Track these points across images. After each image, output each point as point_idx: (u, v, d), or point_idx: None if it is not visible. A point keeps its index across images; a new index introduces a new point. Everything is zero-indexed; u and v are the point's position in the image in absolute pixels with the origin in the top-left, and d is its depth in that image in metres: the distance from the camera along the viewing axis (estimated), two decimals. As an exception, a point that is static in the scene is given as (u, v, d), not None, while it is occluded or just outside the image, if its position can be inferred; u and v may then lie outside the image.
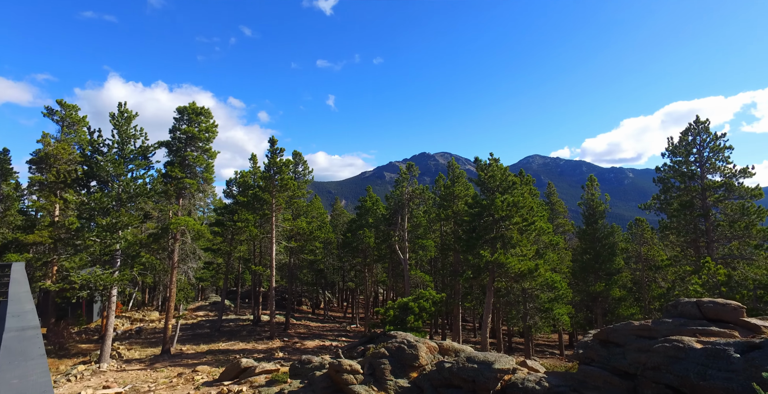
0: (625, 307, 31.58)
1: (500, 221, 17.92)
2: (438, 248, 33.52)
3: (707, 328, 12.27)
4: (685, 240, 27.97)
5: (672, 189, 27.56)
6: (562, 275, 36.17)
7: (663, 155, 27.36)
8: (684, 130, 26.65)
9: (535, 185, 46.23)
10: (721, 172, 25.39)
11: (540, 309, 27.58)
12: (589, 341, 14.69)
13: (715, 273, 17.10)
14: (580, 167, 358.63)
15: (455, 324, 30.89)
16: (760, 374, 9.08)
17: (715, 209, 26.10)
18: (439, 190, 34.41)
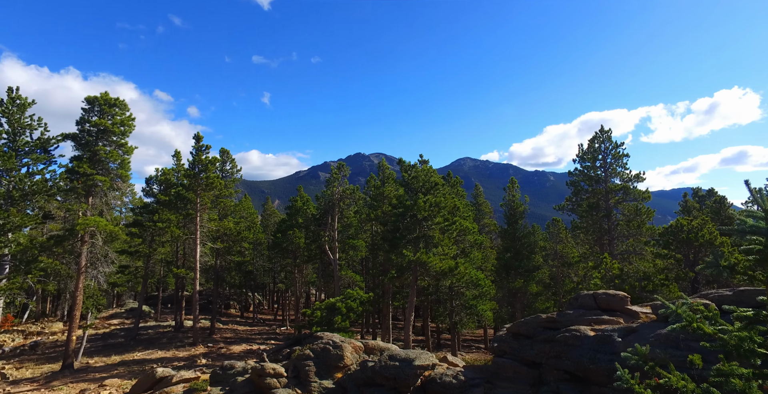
0: (541, 301, 33.99)
1: (423, 221, 18.59)
2: (369, 248, 33.89)
3: (600, 317, 13.63)
4: (593, 238, 30.76)
5: (582, 192, 30.20)
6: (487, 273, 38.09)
7: (574, 161, 29.88)
8: (591, 138, 29.30)
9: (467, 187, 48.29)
10: (620, 177, 28.27)
11: (465, 306, 28.90)
12: (503, 334, 15.68)
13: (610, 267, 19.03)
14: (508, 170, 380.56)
15: (385, 323, 31.41)
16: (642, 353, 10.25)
17: (616, 209, 29.00)
18: (370, 191, 34.80)
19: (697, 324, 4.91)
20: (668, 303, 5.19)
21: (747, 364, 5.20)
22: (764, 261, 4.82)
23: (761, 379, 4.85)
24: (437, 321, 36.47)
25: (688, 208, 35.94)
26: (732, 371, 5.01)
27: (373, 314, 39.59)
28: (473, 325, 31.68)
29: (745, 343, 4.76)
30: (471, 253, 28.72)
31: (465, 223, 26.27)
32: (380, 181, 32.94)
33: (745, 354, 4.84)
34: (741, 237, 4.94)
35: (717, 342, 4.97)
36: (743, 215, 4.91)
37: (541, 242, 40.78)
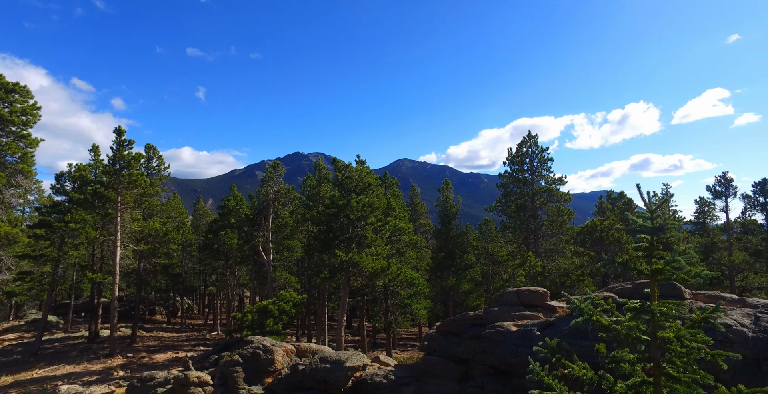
0: (472, 299, 35.35)
1: (356, 222, 18.64)
2: (305, 249, 33.33)
3: (523, 312, 14.40)
4: (521, 237, 32.47)
5: (511, 193, 31.81)
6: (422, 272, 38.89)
7: (504, 164, 31.41)
8: (520, 142, 30.98)
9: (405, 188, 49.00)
10: (545, 180, 30.15)
11: (400, 305, 29.31)
12: (433, 333, 16.06)
13: (534, 265, 20.22)
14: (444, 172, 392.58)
15: (320, 324, 31.03)
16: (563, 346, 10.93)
17: (541, 210, 30.87)
18: (306, 191, 34.25)
19: (596, 317, 5.29)
20: (573, 299, 5.55)
21: (635, 350, 5.69)
22: (650, 257, 5.31)
23: (644, 362, 5.33)
24: (373, 321, 36.66)
25: (602, 209, 39.13)
26: (622, 357, 5.47)
27: (309, 316, 39.00)
28: (408, 323, 32.21)
29: (633, 331, 5.21)
30: (406, 252, 29.18)
31: (400, 223, 26.64)
32: (316, 181, 32.53)
33: (632, 341, 5.30)
34: (632, 236, 5.40)
35: (612, 332, 5.39)
36: (635, 216, 5.37)
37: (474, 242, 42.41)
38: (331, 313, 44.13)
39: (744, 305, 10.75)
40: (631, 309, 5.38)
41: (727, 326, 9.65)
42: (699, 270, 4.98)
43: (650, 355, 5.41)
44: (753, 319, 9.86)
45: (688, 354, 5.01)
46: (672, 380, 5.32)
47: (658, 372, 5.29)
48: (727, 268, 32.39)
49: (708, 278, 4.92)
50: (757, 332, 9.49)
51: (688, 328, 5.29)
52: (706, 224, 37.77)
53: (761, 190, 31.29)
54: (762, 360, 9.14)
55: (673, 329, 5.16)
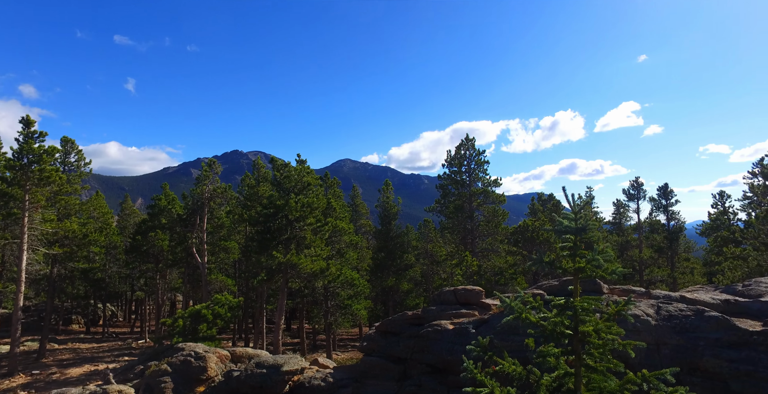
0: (412, 298, 35.94)
1: (295, 222, 18.25)
2: (242, 250, 32.11)
3: (459, 311, 14.84)
4: (458, 237, 33.54)
5: (449, 195, 32.78)
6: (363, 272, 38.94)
7: (443, 166, 32.31)
8: (458, 145, 32.02)
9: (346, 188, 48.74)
10: (482, 182, 31.41)
11: (341, 306, 29.13)
12: (372, 333, 16.10)
13: (470, 264, 20.96)
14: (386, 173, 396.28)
15: (258, 327, 30.05)
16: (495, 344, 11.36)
17: (478, 211, 32.11)
18: (244, 190, 33.01)
19: (525, 315, 5.53)
20: (504, 297, 5.76)
21: (560, 344, 6.04)
22: (573, 255, 5.65)
23: (567, 355, 5.68)
24: (313, 322, 36.12)
25: (534, 210, 41.45)
26: (548, 351, 5.78)
27: (246, 319, 37.64)
28: (348, 324, 32.09)
29: (558, 327, 5.52)
30: (347, 253, 29.06)
31: (340, 223, 26.48)
32: (255, 180, 31.45)
33: (557, 336, 5.62)
34: (558, 236, 5.72)
35: (539, 328, 5.68)
36: (561, 217, 5.70)
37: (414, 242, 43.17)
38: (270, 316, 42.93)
39: (649, 297, 11.86)
40: (556, 306, 5.70)
41: (636, 317, 10.58)
42: (614, 267, 5.38)
43: (572, 348, 5.77)
44: (656, 309, 10.92)
45: (604, 345, 5.39)
46: (590, 370, 5.71)
47: (578, 364, 5.65)
48: (637, 263, 35.60)
49: (622, 274, 5.33)
50: (659, 320, 10.52)
51: (605, 321, 5.70)
52: (622, 224, 41.27)
53: (663, 193, 34.80)
54: (661, 345, 10.15)
55: (592, 323, 5.53)
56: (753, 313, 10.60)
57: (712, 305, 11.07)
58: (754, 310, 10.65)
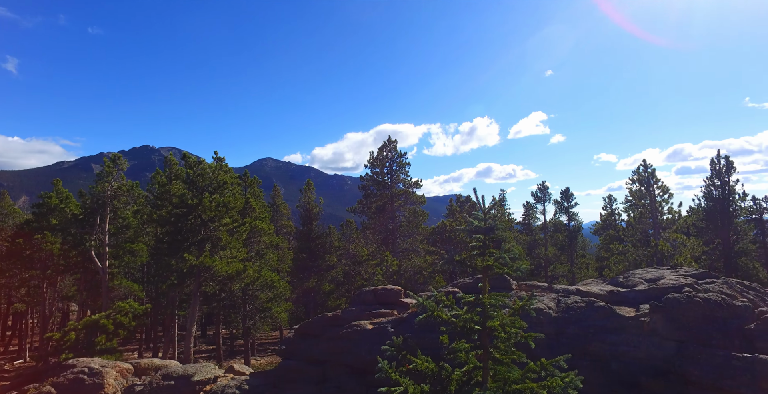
0: (333, 299, 35.75)
1: (209, 222, 17.23)
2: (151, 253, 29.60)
3: (379, 311, 15.02)
4: (380, 237, 34.02)
5: (371, 195, 33.13)
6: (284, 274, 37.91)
7: (365, 167, 32.58)
8: (380, 147, 32.51)
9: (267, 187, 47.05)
10: (403, 183, 32.20)
11: (260, 309, 28.07)
12: (291, 336, 15.72)
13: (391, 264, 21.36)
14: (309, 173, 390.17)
15: (168, 336, 27.92)
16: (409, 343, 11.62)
17: (399, 212, 32.85)
18: (155, 188, 30.49)
19: (437, 313, 5.73)
20: (416, 296, 5.91)
21: (471, 339, 6.34)
22: (483, 254, 5.97)
23: (476, 350, 5.99)
24: (231, 327, 34.44)
25: (452, 211, 43.38)
26: (458, 347, 6.05)
27: (156, 327, 34.79)
28: (268, 328, 31.06)
29: (468, 323, 5.79)
30: (266, 254, 28.12)
31: (260, 224, 25.56)
32: (167, 178, 29.18)
33: (467, 332, 5.90)
34: (469, 235, 6.01)
35: (450, 325, 5.92)
36: (471, 218, 5.99)
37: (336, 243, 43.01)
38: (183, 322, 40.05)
39: (551, 291, 12.99)
40: (467, 303, 5.97)
41: (539, 310, 11.51)
42: (519, 265, 5.77)
43: (481, 342, 6.09)
44: (556, 302, 11.99)
45: (508, 339, 5.76)
46: (497, 362, 6.07)
47: (486, 357, 5.98)
48: (543, 260, 38.83)
49: (527, 270, 5.73)
50: (558, 312, 11.57)
51: (510, 316, 6.10)
52: (531, 224, 44.70)
53: (565, 196, 38.43)
54: (560, 334, 11.17)
55: (498, 318, 5.89)
56: (630, 301, 12.07)
57: (600, 295, 12.40)
58: (631, 298, 12.14)
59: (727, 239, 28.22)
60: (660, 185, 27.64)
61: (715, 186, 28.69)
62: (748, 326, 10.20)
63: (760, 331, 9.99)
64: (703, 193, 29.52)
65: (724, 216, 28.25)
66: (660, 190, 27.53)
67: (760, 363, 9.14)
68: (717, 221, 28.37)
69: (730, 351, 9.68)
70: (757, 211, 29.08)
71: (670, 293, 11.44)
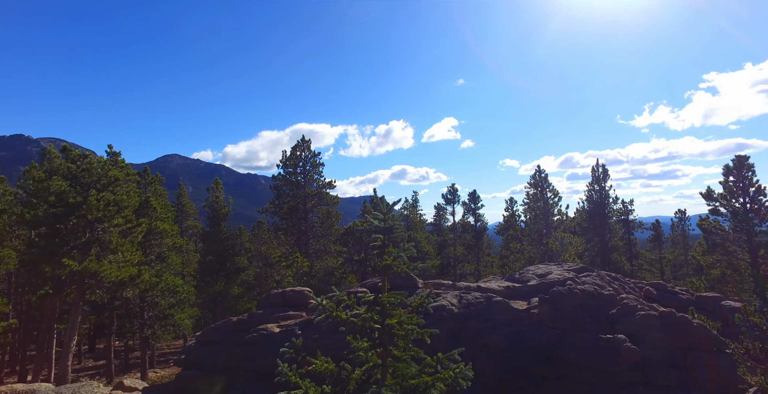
0: (243, 303, 34.18)
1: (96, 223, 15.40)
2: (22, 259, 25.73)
3: (287, 313, 14.67)
4: (293, 238, 33.26)
5: (284, 196, 32.27)
6: (189, 278, 35.41)
7: (278, 166, 31.68)
8: (294, 146, 31.83)
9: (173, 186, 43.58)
10: (317, 184, 31.84)
11: (160, 317, 25.88)
12: (192, 344, 14.73)
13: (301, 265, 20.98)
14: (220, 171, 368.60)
15: (41, 355, 24.55)
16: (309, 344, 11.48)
17: (312, 213, 32.42)
18: (29, 184, 26.56)
19: (336, 313, 5.72)
20: (315, 298, 5.85)
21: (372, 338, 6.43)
22: (382, 254, 6.09)
23: (375, 348, 6.10)
24: (125, 338, 31.32)
25: (366, 212, 43.91)
26: (358, 346, 6.10)
27: (26, 346, 30.33)
28: (170, 336, 28.75)
29: (367, 322, 5.87)
30: (169, 257, 26.06)
31: (161, 224, 23.65)
32: (45, 173, 25.56)
33: (367, 331, 5.98)
34: (368, 235, 6.10)
35: (350, 325, 5.94)
36: (372, 218, 6.08)
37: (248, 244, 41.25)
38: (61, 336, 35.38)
39: (455, 289, 13.73)
40: (366, 302, 6.05)
41: (443, 307, 12.09)
42: (417, 264, 5.98)
43: (380, 341, 6.20)
44: (459, 299, 12.70)
45: (406, 336, 5.94)
46: (396, 359, 6.23)
47: (385, 355, 6.11)
48: (452, 259, 40.88)
49: (422, 269, 5.95)
50: (460, 308, 12.26)
51: (409, 313, 6.29)
52: (441, 224, 46.82)
53: (472, 199, 40.91)
54: (462, 328, 11.84)
55: (397, 316, 6.04)
56: (523, 295, 13.20)
57: (498, 291, 13.37)
58: (524, 293, 13.28)
59: (603, 237, 32.11)
60: (551, 189, 30.68)
61: (594, 191, 32.52)
62: (612, 312, 11.69)
63: (620, 314, 11.51)
64: (586, 197, 33.33)
65: (602, 217, 32.13)
66: (551, 193, 30.54)
67: (618, 342, 10.51)
68: (596, 221, 32.17)
69: (598, 334, 11.00)
70: (625, 212, 33.53)
71: (556, 286, 12.69)
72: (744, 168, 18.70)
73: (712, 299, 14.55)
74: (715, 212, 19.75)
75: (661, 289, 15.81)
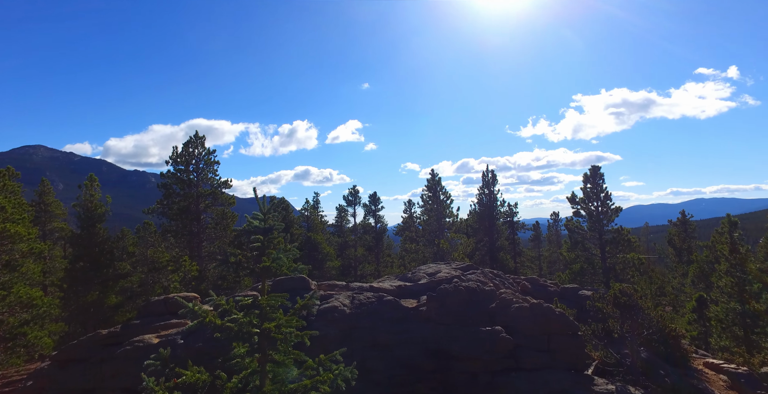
0: (123, 313, 30.69)
1: None
2: None
3: (169, 321, 13.50)
4: (184, 241, 30.77)
5: (174, 195, 29.72)
6: (54, 288, 30.95)
7: (167, 163, 29.11)
8: (186, 142, 29.51)
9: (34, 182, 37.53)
10: (211, 183, 29.87)
11: (7, 338, 22.05)
12: (45, 366, 12.85)
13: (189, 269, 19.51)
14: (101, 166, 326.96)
15: None
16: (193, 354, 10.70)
17: (206, 213, 30.32)
18: None
19: (209, 319, 5.38)
20: (184, 302, 5.46)
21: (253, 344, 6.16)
22: (261, 255, 5.89)
23: (254, 354, 5.87)
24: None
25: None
26: (237, 353, 5.82)
27: None
28: (21, 360, 24.63)
29: (245, 327, 5.61)
30: (22, 265, 22.38)
31: (14, 227, 20.24)
32: None
33: (245, 336, 5.72)
34: (247, 237, 5.85)
35: (226, 331, 5.63)
36: (251, 218, 5.83)
37: (131, 247, 37.26)
38: None
39: (348, 289, 13.84)
40: (243, 306, 5.79)
41: (335, 308, 12.11)
42: (297, 265, 5.88)
43: (260, 346, 5.98)
44: (351, 299, 12.83)
45: (286, 339, 5.80)
46: (277, 364, 6.05)
47: (264, 360, 5.90)
48: (353, 260, 41.25)
49: (301, 270, 5.87)
50: (352, 309, 12.39)
51: (290, 316, 6.16)
52: (343, 226, 47.00)
53: (373, 200, 41.85)
54: (354, 328, 11.97)
55: (276, 320, 5.88)
56: (414, 294, 13.77)
57: (390, 291, 13.77)
58: (415, 291, 13.86)
59: (492, 237, 34.96)
60: (444, 192, 32.63)
61: (485, 194, 35.28)
62: (492, 306, 12.75)
63: (498, 308, 12.60)
64: (478, 200, 36.02)
65: (490, 219, 34.96)
66: (444, 196, 32.46)
67: (496, 333, 11.51)
68: (485, 222, 34.90)
69: (479, 327, 11.90)
70: (510, 215, 36.99)
71: (443, 284, 13.45)
72: (597, 177, 21.85)
73: (572, 290, 16.63)
74: (577, 214, 22.71)
75: (535, 283, 17.64)
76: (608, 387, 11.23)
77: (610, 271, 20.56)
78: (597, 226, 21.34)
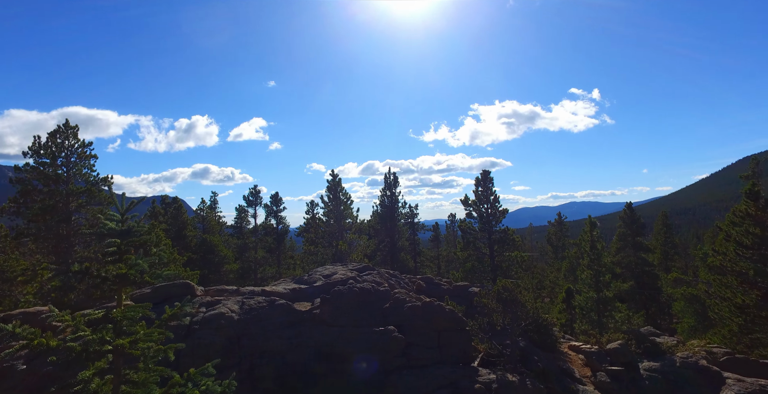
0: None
1: None
2: None
3: (10, 344, 11.47)
4: (49, 246, 26.60)
5: (35, 192, 25.55)
6: None
7: (26, 154, 24.94)
8: (53, 131, 25.56)
9: None
10: (86, 179, 26.22)
11: None
12: None
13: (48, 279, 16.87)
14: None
15: None
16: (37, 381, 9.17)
17: (79, 214, 26.55)
18: None
19: (38, 340, 4.55)
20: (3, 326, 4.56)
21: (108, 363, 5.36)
22: (120, 260, 5.16)
23: (105, 375, 5.11)
24: None
25: (155, 213, 38.59)
26: (82, 377, 5.00)
27: None
28: None
29: (92, 345, 4.85)
30: None
31: None
32: None
33: (94, 356, 4.94)
34: (101, 240, 5.09)
35: (65, 353, 4.82)
36: (105, 219, 5.09)
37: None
38: None
39: (239, 294, 13.03)
40: (92, 321, 5.02)
41: (221, 315, 11.29)
42: (161, 271, 5.26)
43: (113, 366, 5.23)
44: (240, 305, 12.09)
45: (144, 356, 5.15)
46: (134, 385, 5.34)
47: (117, 382, 5.17)
48: (253, 263, 39.37)
49: (168, 277, 5.27)
50: (241, 315, 11.68)
51: (153, 328, 5.49)
52: (243, 227, 44.66)
53: (275, 201, 40.47)
54: (243, 336, 11.28)
55: (135, 334, 5.19)
56: (308, 296, 13.43)
57: (284, 294, 13.25)
58: (309, 293, 13.53)
59: (393, 238, 35.80)
60: (344, 193, 32.69)
61: (387, 196, 36.01)
62: (386, 306, 12.93)
63: (392, 308, 12.83)
64: (380, 202, 36.63)
65: (392, 220, 35.78)
66: (345, 197, 32.51)
67: (388, 333, 11.67)
68: (387, 223, 35.63)
69: (372, 328, 11.97)
70: (411, 216, 38.29)
71: (338, 286, 13.30)
72: (488, 181, 23.59)
73: (464, 287, 17.62)
74: (469, 216, 24.23)
75: (429, 282, 18.35)
76: (490, 376, 12.02)
77: (497, 268, 22.26)
78: (487, 226, 23.00)
